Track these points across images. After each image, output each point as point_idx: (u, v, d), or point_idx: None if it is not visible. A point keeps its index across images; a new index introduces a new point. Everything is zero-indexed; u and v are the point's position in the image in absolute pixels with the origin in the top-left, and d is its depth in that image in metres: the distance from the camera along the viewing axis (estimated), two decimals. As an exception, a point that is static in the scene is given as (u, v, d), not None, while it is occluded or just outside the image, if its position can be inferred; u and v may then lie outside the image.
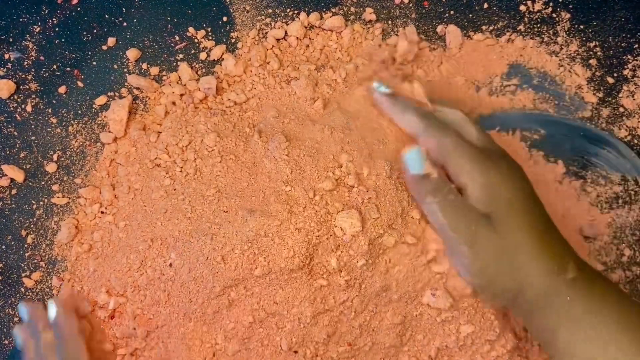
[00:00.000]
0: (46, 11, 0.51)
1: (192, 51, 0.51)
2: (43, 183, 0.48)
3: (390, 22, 0.51)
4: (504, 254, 0.36)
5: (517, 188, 0.37)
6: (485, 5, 0.51)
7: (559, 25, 0.51)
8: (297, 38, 0.50)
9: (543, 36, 0.51)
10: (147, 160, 0.45)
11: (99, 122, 0.49)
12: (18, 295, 0.46)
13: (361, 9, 0.51)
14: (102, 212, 0.46)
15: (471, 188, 0.37)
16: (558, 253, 0.36)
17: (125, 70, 0.50)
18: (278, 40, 0.50)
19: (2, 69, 0.50)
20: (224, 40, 0.51)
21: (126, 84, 0.50)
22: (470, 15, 0.51)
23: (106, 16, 0.51)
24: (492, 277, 0.36)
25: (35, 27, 0.51)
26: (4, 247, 0.47)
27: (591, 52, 0.50)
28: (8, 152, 0.48)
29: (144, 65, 0.50)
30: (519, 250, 0.36)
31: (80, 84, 0.50)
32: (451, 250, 0.38)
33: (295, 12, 0.51)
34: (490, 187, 0.37)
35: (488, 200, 0.36)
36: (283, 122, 0.43)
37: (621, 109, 0.49)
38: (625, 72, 0.50)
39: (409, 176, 0.39)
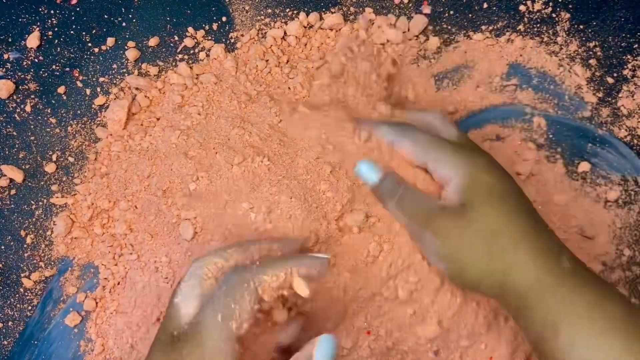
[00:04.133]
0: (45, 11, 0.51)
1: (192, 51, 0.51)
2: (42, 183, 0.48)
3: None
4: (479, 238, 0.35)
5: (497, 176, 0.37)
6: (485, 5, 0.51)
7: (558, 25, 0.51)
8: (297, 37, 0.50)
9: (543, 36, 0.51)
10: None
11: (98, 122, 0.49)
12: (17, 295, 0.46)
13: (361, 9, 0.51)
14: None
15: (452, 178, 0.37)
16: (547, 240, 0.35)
17: (124, 70, 0.50)
18: (276, 40, 0.50)
19: (1, 69, 0.50)
20: (224, 40, 0.51)
21: (125, 84, 0.50)
22: (470, 15, 0.51)
23: (105, 16, 0.51)
24: (466, 261, 0.36)
25: (35, 26, 0.51)
26: (3, 247, 0.47)
27: (591, 52, 0.50)
28: (7, 152, 0.48)
29: (144, 66, 0.50)
30: (499, 235, 0.35)
31: (79, 84, 0.50)
32: (420, 241, 0.38)
33: (295, 12, 0.51)
34: (471, 176, 0.36)
35: (468, 188, 0.36)
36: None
37: (621, 109, 0.49)
38: (625, 72, 0.49)
39: (369, 188, 0.41)
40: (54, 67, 0.50)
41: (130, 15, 0.51)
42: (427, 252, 0.38)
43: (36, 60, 0.50)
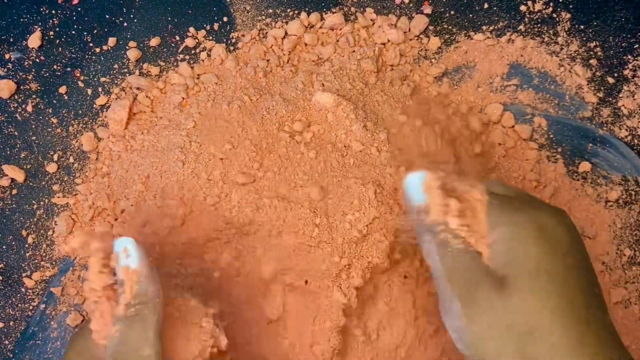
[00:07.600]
0: (47, 11, 0.51)
1: (193, 51, 0.51)
2: (43, 183, 0.48)
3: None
4: (512, 332, 0.27)
5: (554, 248, 0.28)
6: (486, 6, 0.51)
7: (559, 25, 0.51)
8: (297, 37, 0.50)
9: (543, 36, 0.51)
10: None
11: (100, 122, 0.49)
12: (18, 295, 0.46)
13: (361, 9, 0.51)
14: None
15: (495, 242, 0.29)
16: (599, 350, 0.27)
17: (125, 70, 0.50)
18: (277, 40, 0.50)
19: (2, 69, 0.50)
20: (224, 40, 0.51)
21: (127, 84, 0.50)
22: (471, 15, 0.51)
23: (107, 16, 0.51)
24: (489, 356, 0.28)
25: (36, 26, 0.51)
26: (4, 247, 0.47)
27: (591, 52, 0.50)
28: (8, 152, 0.48)
29: (145, 66, 0.50)
30: (537, 337, 0.27)
31: (80, 84, 0.50)
32: (444, 304, 0.30)
33: (296, 12, 0.51)
34: (516, 242, 0.28)
35: (510, 257, 0.28)
36: None
37: (622, 109, 0.49)
38: (626, 72, 0.50)
39: (407, 205, 0.32)
40: (55, 67, 0.50)
41: (131, 15, 0.51)
42: (449, 325, 0.30)
43: (37, 60, 0.50)
